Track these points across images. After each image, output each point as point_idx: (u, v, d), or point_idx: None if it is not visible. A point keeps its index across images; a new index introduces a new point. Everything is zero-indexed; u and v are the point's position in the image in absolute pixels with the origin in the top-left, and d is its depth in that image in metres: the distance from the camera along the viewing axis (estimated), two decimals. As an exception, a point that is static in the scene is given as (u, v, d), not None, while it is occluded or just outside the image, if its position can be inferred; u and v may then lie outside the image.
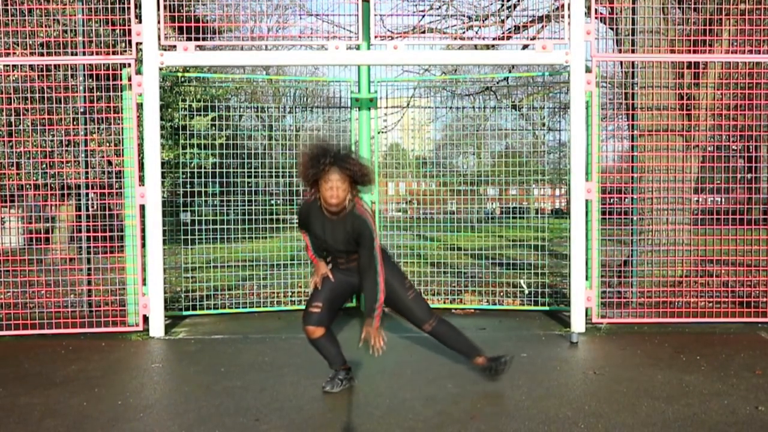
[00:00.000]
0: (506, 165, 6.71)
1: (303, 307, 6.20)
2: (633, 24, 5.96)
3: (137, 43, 5.23)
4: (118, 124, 5.60)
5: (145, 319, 5.31)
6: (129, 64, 5.26)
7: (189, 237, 6.16)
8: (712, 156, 6.59)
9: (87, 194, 5.61)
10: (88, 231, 5.58)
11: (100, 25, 6.40)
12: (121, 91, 5.37)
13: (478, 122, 7.36)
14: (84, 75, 5.59)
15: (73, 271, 5.91)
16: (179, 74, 6.68)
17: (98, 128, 6.66)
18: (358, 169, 3.35)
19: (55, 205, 7.25)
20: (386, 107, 6.46)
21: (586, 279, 5.35)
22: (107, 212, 5.55)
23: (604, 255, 5.83)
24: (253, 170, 6.42)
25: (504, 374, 3.75)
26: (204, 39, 5.67)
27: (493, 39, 8.68)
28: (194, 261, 6.37)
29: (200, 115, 6.93)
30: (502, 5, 9.21)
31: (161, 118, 5.38)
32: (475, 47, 7.82)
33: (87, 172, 5.65)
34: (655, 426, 3.12)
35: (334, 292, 3.62)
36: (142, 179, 5.33)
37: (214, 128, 7.05)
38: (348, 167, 3.32)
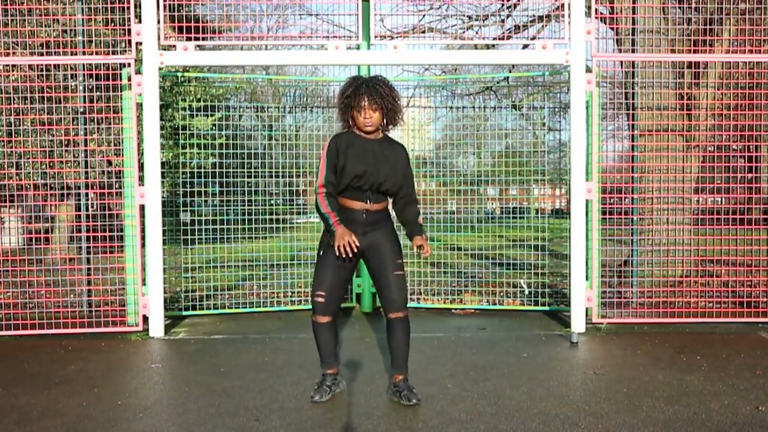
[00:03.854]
0: (506, 165, 6.71)
1: (303, 307, 6.29)
2: (633, 24, 5.96)
3: (137, 43, 5.22)
4: (118, 124, 5.60)
5: (145, 319, 5.30)
6: (129, 64, 5.25)
7: (189, 237, 6.16)
8: (712, 156, 6.59)
9: (87, 194, 5.61)
10: (87, 231, 5.58)
11: (100, 25, 6.39)
12: (121, 91, 5.37)
13: (478, 122, 7.34)
14: (84, 75, 5.59)
15: (73, 271, 5.91)
16: (179, 74, 6.68)
17: (98, 128, 6.66)
18: (390, 99, 3.34)
19: (55, 205, 7.25)
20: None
21: (586, 279, 5.35)
22: (107, 212, 5.55)
23: (604, 255, 5.82)
24: (253, 170, 6.42)
25: (412, 402, 3.42)
26: (204, 39, 5.67)
27: (493, 39, 8.69)
28: (194, 261, 6.36)
29: (200, 115, 6.92)
30: (502, 5, 9.20)
31: (161, 118, 5.38)
32: (475, 47, 7.82)
33: (87, 172, 5.64)
34: (655, 426, 3.12)
35: (336, 279, 3.44)
36: (141, 179, 5.33)
37: (214, 128, 7.05)
38: (381, 95, 3.31)
